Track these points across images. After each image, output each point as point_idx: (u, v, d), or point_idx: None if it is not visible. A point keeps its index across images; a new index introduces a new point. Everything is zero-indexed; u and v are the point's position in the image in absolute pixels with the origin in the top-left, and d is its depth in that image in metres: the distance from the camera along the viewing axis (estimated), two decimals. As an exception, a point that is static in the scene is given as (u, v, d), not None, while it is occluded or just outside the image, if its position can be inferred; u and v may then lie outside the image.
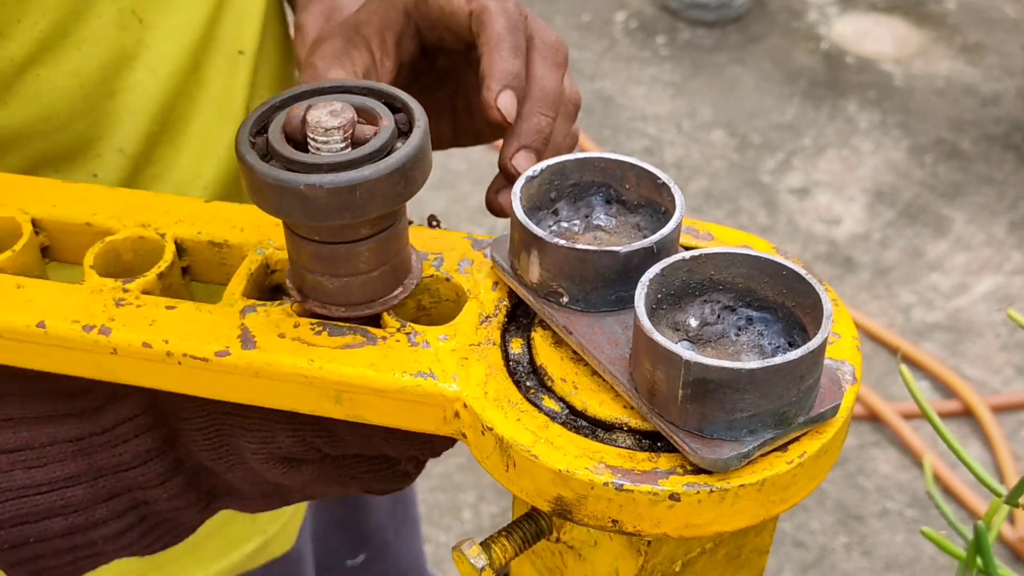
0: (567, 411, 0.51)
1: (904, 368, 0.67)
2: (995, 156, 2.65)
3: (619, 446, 0.49)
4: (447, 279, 0.59)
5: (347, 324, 0.55)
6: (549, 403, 0.52)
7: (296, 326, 0.55)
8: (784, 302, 0.50)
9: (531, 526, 0.55)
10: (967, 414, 2.10)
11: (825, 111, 2.78)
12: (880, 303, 2.32)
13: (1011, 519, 1.90)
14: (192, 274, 0.62)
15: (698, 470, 0.47)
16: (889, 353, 2.19)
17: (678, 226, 0.53)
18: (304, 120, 0.51)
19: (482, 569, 0.53)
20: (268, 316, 0.55)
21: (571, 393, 0.51)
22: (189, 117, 0.77)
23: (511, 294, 0.57)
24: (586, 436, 0.49)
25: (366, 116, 0.53)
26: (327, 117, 0.51)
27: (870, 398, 2.12)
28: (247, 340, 0.54)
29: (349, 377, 0.53)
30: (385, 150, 0.51)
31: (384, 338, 0.54)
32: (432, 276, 0.59)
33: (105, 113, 0.73)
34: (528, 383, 0.53)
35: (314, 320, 0.55)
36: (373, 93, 0.55)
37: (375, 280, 0.56)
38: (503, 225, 2.40)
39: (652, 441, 0.49)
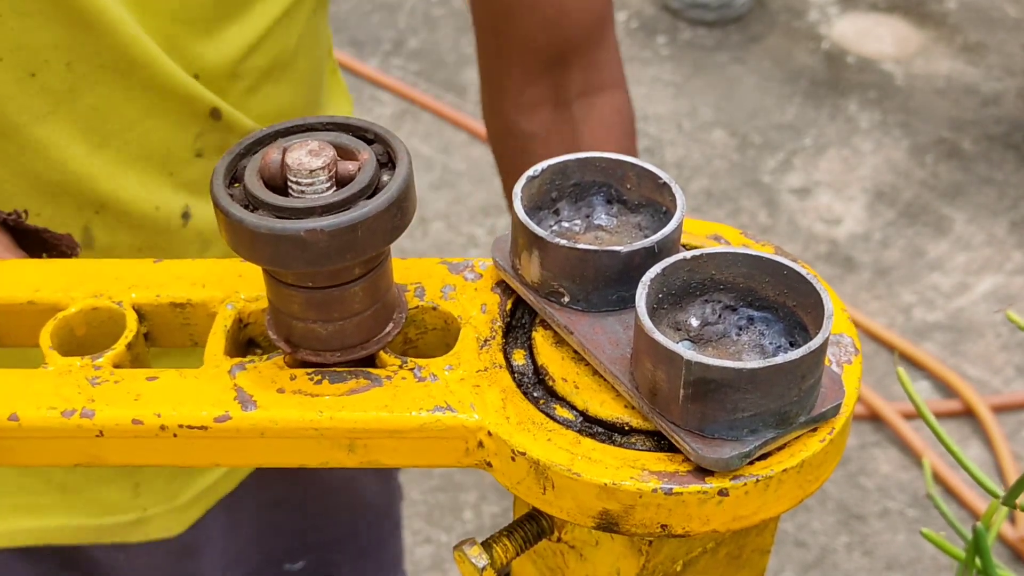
0: (581, 419, 0.51)
1: (901, 370, 0.67)
2: (996, 156, 2.65)
3: (639, 449, 0.49)
4: (433, 308, 0.57)
5: (345, 369, 0.53)
6: (562, 412, 0.51)
7: (293, 378, 0.52)
8: (785, 301, 0.50)
9: (532, 526, 0.55)
10: (968, 414, 2.10)
11: (826, 111, 2.78)
12: (881, 303, 2.32)
13: (1011, 519, 1.90)
14: (151, 340, 0.59)
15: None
16: (890, 353, 2.19)
17: (679, 226, 0.53)
18: (283, 163, 0.49)
19: (483, 569, 0.53)
20: (260, 373, 0.53)
21: (572, 393, 0.51)
22: None
23: (504, 307, 0.56)
24: (604, 443, 0.49)
25: (342, 152, 0.52)
26: (308, 158, 0.49)
27: (871, 398, 2.12)
28: (246, 401, 0.51)
29: (363, 423, 0.51)
30: (374, 185, 0.50)
31: (388, 377, 0.53)
32: (417, 307, 0.57)
33: None
34: (535, 393, 0.53)
35: (310, 369, 0.53)
36: (341, 128, 0.54)
37: (368, 320, 0.54)
38: (503, 224, 2.40)
39: (668, 441, 0.49)
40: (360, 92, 2.78)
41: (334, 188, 0.49)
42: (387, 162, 0.53)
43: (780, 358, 0.44)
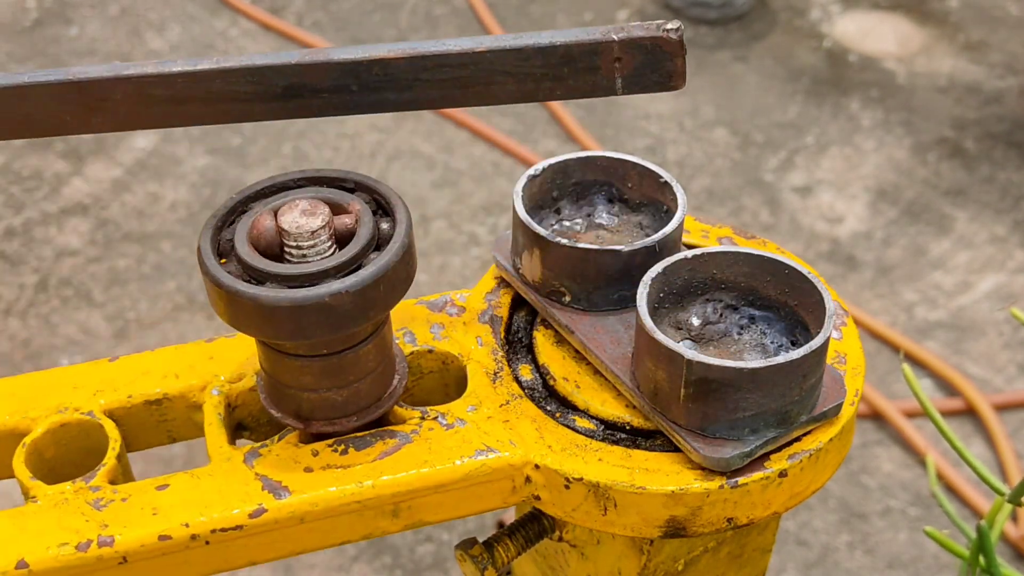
0: (602, 427, 0.51)
1: (907, 367, 0.67)
2: (998, 154, 2.65)
3: (663, 450, 0.49)
4: (430, 351, 0.55)
5: (366, 433, 0.51)
6: (582, 423, 0.51)
7: (316, 454, 0.49)
8: (786, 301, 0.50)
9: (534, 526, 0.55)
10: (970, 412, 2.10)
11: (828, 109, 2.78)
12: (883, 301, 2.32)
13: (1014, 517, 1.90)
14: (127, 445, 0.53)
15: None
16: (892, 351, 2.19)
17: (680, 225, 0.53)
18: (279, 229, 0.46)
19: (484, 569, 0.53)
20: (279, 456, 0.49)
21: (573, 392, 0.51)
22: None
23: (498, 334, 0.55)
24: (628, 447, 0.49)
25: (331, 206, 0.49)
26: (305, 219, 0.46)
27: (873, 396, 2.12)
28: (276, 489, 0.48)
29: (406, 484, 0.48)
30: (377, 235, 0.48)
31: (415, 431, 0.50)
32: (413, 352, 0.55)
33: None
34: (549, 407, 0.52)
35: (329, 441, 0.50)
36: (314, 182, 0.51)
37: (379, 377, 0.51)
38: (505, 223, 2.40)
39: None
40: (362, 91, 2.78)
41: (335, 246, 0.47)
42: (376, 209, 0.50)
43: (781, 357, 0.44)
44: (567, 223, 0.58)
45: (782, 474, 0.47)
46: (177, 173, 2.55)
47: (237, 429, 0.55)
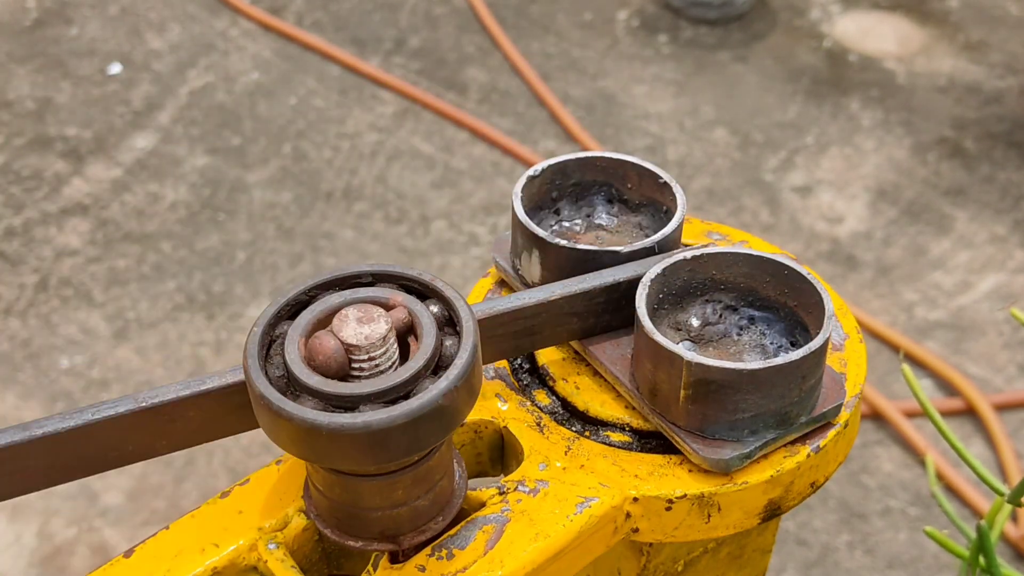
0: (636, 437, 0.51)
1: (907, 367, 0.67)
2: (998, 154, 2.65)
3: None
4: (460, 424, 0.50)
5: (456, 529, 0.48)
6: (616, 436, 0.51)
7: (423, 569, 0.46)
8: (786, 302, 0.50)
9: (533, 526, 0.55)
10: (970, 412, 2.10)
11: (828, 109, 2.78)
12: (883, 301, 2.32)
13: (1014, 517, 1.90)
14: None
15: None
16: (892, 351, 2.19)
17: (680, 225, 0.53)
18: (345, 345, 0.42)
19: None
20: None
21: (573, 393, 0.51)
22: None
23: (511, 383, 0.53)
24: (662, 454, 0.49)
25: (379, 304, 0.45)
26: (366, 328, 0.43)
27: (873, 396, 2.12)
28: None
29: (531, 563, 0.45)
30: (447, 321, 0.45)
31: (505, 509, 0.48)
32: None
33: None
34: (575, 427, 0.52)
35: (426, 551, 0.47)
36: (327, 287, 0.46)
37: (450, 467, 0.48)
38: (505, 223, 2.40)
39: None
40: (361, 91, 2.78)
41: (397, 349, 0.44)
42: (409, 291, 0.46)
43: (780, 359, 0.44)
44: (566, 224, 0.58)
45: (846, 424, 0.49)
46: (177, 173, 2.55)
47: None
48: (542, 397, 0.53)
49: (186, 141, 2.63)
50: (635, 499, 0.48)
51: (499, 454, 0.53)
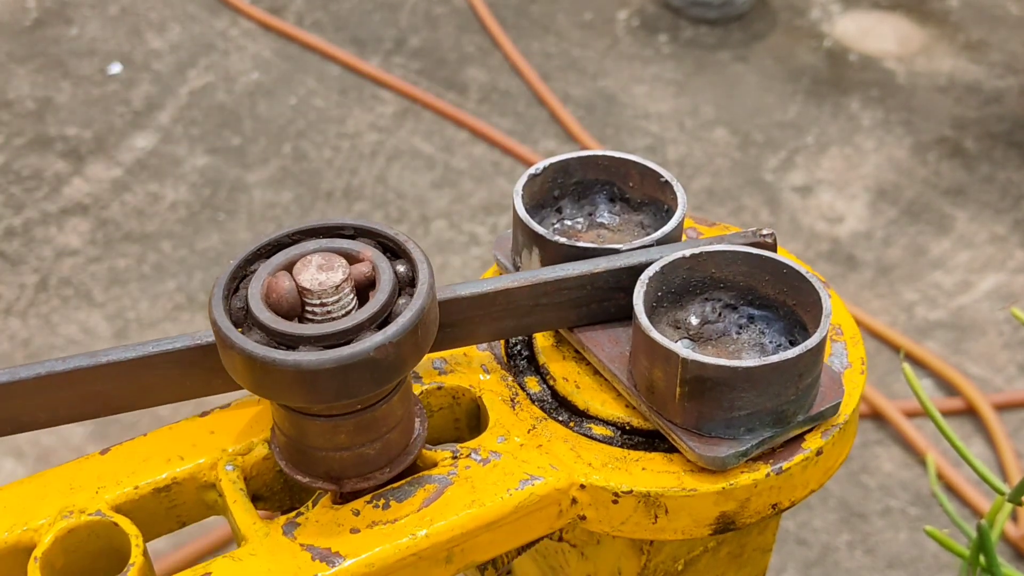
0: (620, 432, 0.51)
1: (907, 367, 0.67)
2: (998, 154, 2.65)
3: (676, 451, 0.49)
4: (439, 388, 0.54)
5: (402, 482, 0.49)
6: (599, 430, 0.51)
7: (357, 513, 0.47)
8: (785, 300, 0.50)
9: (533, 525, 0.55)
10: (970, 412, 2.10)
11: (828, 109, 2.78)
12: (883, 301, 2.32)
13: (1014, 517, 1.90)
14: None
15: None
16: (892, 351, 2.19)
17: (679, 224, 0.53)
18: (300, 288, 0.44)
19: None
20: (318, 522, 0.47)
21: (573, 392, 0.51)
22: None
23: (500, 356, 0.54)
24: (647, 451, 0.49)
25: (347, 257, 0.47)
26: (324, 275, 0.44)
27: (873, 396, 2.12)
28: (327, 557, 0.45)
29: (460, 527, 0.46)
30: (410, 282, 0.46)
31: (452, 472, 0.49)
32: (422, 392, 0.53)
33: None
34: (561, 417, 0.52)
35: (366, 497, 0.48)
36: (310, 234, 0.48)
37: (406, 423, 0.49)
38: (505, 223, 2.40)
39: None
40: (361, 91, 2.78)
41: (355, 298, 0.45)
42: (385, 249, 0.48)
43: (776, 357, 0.44)
44: (568, 222, 0.58)
45: (819, 452, 0.48)
46: (177, 173, 2.55)
47: (252, 501, 0.52)
48: (533, 385, 0.54)
49: (186, 141, 2.63)
50: (582, 486, 0.49)
51: (476, 423, 0.54)
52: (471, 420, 0.54)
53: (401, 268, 0.47)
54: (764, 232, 0.52)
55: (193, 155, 2.59)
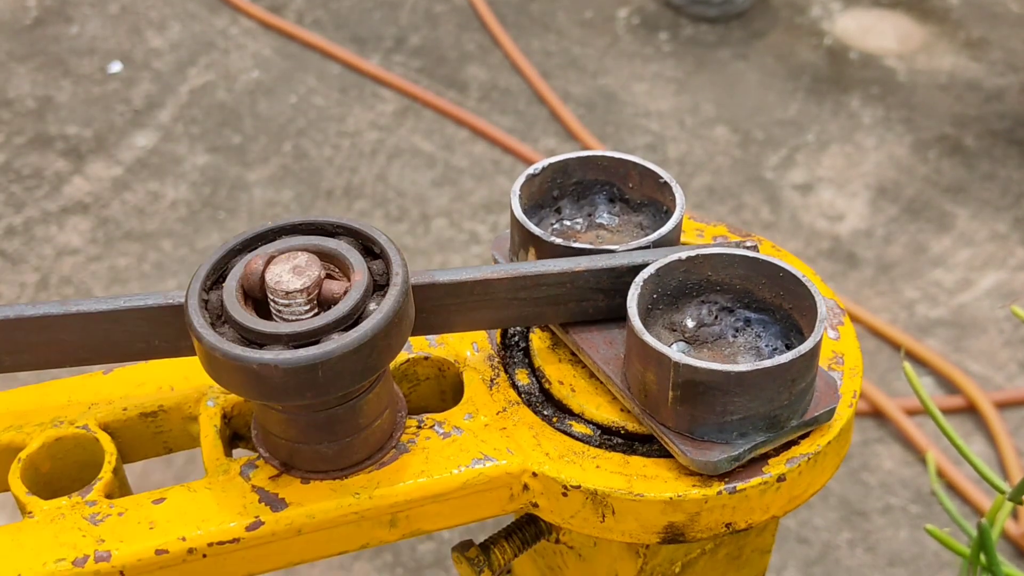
0: (599, 432, 0.51)
1: (907, 365, 0.67)
2: (999, 152, 2.64)
3: (660, 456, 0.48)
4: (425, 358, 0.55)
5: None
6: (579, 428, 0.51)
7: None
8: (782, 304, 0.50)
9: (531, 528, 0.55)
10: (971, 410, 2.09)
11: (828, 107, 2.78)
12: (883, 299, 2.32)
13: (1015, 515, 1.90)
14: (122, 457, 0.53)
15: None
16: (892, 349, 2.19)
17: (677, 226, 0.53)
18: (263, 278, 0.45)
19: (480, 571, 0.52)
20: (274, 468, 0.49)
21: (568, 396, 0.51)
22: None
23: (493, 339, 0.54)
24: (625, 453, 0.49)
25: (339, 264, 0.47)
26: (289, 276, 0.44)
27: (873, 394, 2.12)
28: (273, 501, 0.47)
29: (404, 495, 0.48)
30: (357, 313, 0.45)
31: (411, 441, 0.50)
32: (408, 360, 0.54)
33: None
34: (546, 411, 0.52)
35: None
36: (348, 232, 0.49)
37: (377, 431, 0.49)
38: (505, 222, 2.39)
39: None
40: (362, 89, 2.78)
41: (315, 311, 0.45)
42: (385, 284, 0.47)
43: (769, 361, 0.44)
44: (568, 223, 0.58)
45: (780, 478, 0.47)
46: (177, 171, 2.55)
47: (233, 439, 0.54)
48: (522, 377, 0.54)
49: (186, 139, 2.62)
50: (534, 474, 0.49)
51: (461, 397, 0.54)
52: (456, 394, 0.55)
53: (373, 306, 0.46)
54: (748, 244, 0.51)
55: (193, 154, 2.59)
